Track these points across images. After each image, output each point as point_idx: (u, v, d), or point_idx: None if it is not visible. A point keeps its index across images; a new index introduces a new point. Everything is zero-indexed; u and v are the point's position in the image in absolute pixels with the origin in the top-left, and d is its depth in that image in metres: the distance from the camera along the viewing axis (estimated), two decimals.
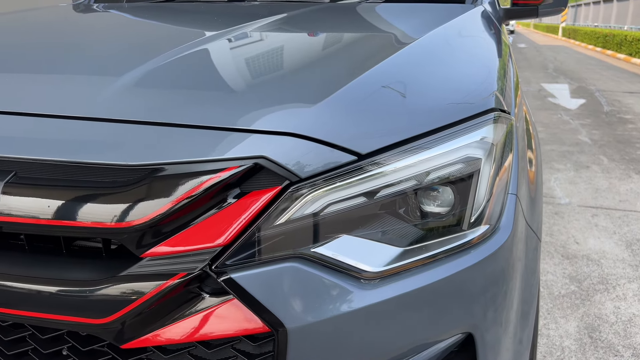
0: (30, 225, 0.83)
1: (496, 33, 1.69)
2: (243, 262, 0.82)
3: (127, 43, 1.32)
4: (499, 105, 1.05)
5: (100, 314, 0.82)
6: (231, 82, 1.00)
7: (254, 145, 0.83)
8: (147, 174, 0.81)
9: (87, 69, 1.07)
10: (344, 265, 0.85)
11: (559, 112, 7.39)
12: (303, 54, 1.19)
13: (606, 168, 4.72)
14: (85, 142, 0.85)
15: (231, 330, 0.82)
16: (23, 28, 1.56)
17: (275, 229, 0.83)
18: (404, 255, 0.87)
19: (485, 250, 0.91)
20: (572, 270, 2.85)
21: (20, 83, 1.03)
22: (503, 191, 0.98)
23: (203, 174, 0.80)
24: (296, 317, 0.82)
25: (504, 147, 1.00)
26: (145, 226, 0.80)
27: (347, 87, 0.95)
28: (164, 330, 0.83)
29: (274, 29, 1.40)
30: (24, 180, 0.83)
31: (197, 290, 0.83)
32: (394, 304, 0.85)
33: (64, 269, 0.85)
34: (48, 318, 0.84)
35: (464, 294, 0.90)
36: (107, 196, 0.82)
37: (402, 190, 0.88)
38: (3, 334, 0.91)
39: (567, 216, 3.60)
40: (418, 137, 0.90)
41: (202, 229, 0.81)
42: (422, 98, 1.00)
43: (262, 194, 0.82)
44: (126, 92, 0.94)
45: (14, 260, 0.87)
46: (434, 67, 1.14)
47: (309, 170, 0.83)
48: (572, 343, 2.21)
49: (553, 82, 10.49)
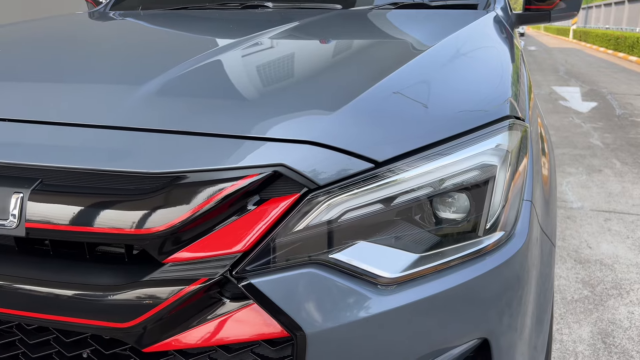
0: (55, 232, 0.85)
1: (509, 38, 1.70)
2: (262, 268, 0.83)
3: (146, 52, 1.34)
4: (513, 112, 1.06)
5: (123, 318, 0.84)
6: (249, 91, 1.02)
7: (273, 153, 0.84)
8: (169, 181, 0.83)
9: (108, 78, 1.09)
10: (361, 271, 0.86)
11: (571, 115, 7.35)
12: (319, 62, 1.20)
13: (619, 172, 4.69)
14: (107, 150, 0.88)
15: (250, 334, 0.84)
16: (42, 37, 1.59)
17: (293, 236, 0.84)
18: (420, 262, 0.88)
19: (501, 256, 0.92)
20: (585, 274, 2.84)
21: (43, 92, 1.05)
22: (518, 197, 0.99)
23: (223, 182, 0.82)
24: (314, 322, 0.83)
25: (518, 153, 1.01)
26: (167, 233, 0.82)
27: (364, 95, 0.96)
28: (185, 335, 0.85)
29: (289, 37, 1.42)
30: (50, 188, 0.86)
31: (218, 295, 0.85)
32: (411, 310, 0.86)
33: (87, 274, 0.88)
34: (72, 322, 0.86)
35: (480, 300, 0.91)
36: (129, 203, 0.84)
37: (418, 197, 0.89)
38: (28, 337, 0.93)
39: (579, 220, 3.58)
40: (434, 144, 0.91)
41: (222, 236, 0.83)
42: (438, 105, 1.01)
43: (281, 201, 0.84)
44: (147, 101, 0.96)
45: (38, 265, 0.90)
46: (448, 74, 1.15)
47: (326, 177, 0.85)
48: (585, 348, 2.20)
49: (564, 85, 10.43)
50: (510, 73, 1.29)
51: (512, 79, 1.24)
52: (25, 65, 1.21)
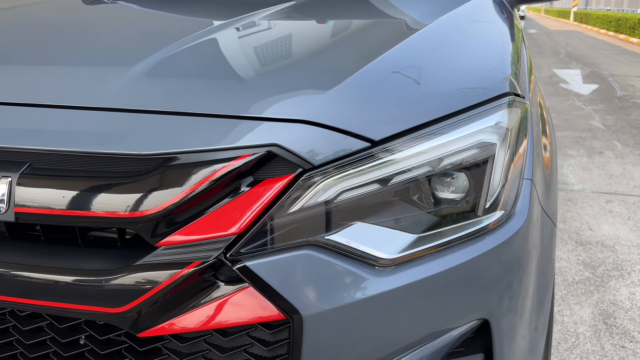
0: (45, 216, 0.83)
1: (509, 18, 1.67)
2: (257, 250, 0.81)
3: (137, 33, 1.32)
4: (513, 89, 1.03)
5: (117, 303, 0.82)
6: (242, 71, 1.00)
7: (266, 133, 0.82)
8: (160, 163, 0.81)
9: (98, 60, 1.07)
10: (358, 252, 0.84)
11: (572, 97, 7.30)
12: (313, 41, 1.18)
13: (620, 153, 4.67)
14: (98, 132, 0.86)
15: (246, 317, 0.83)
16: (30, 19, 1.56)
17: (288, 217, 0.83)
18: (418, 242, 0.87)
19: (501, 235, 0.90)
20: (586, 256, 2.83)
21: (31, 75, 1.03)
22: (518, 177, 0.97)
23: (216, 163, 0.80)
24: (311, 304, 0.82)
25: (518, 131, 0.99)
26: (160, 215, 0.80)
27: (359, 74, 0.94)
28: (180, 319, 0.83)
29: (284, 17, 1.39)
30: (39, 171, 0.84)
31: (212, 278, 0.83)
32: (409, 291, 0.85)
33: (80, 259, 0.86)
34: (65, 307, 0.85)
35: (480, 280, 0.90)
36: (121, 186, 0.82)
37: (416, 177, 0.87)
38: (22, 323, 0.92)
39: (580, 202, 3.57)
40: (432, 122, 0.89)
41: (216, 218, 0.81)
42: (435, 83, 0.98)
43: (275, 182, 0.82)
44: (138, 82, 0.94)
45: (30, 251, 0.88)
46: (446, 52, 1.13)
47: (321, 157, 0.83)
48: (586, 329, 2.20)
49: (565, 68, 10.36)
50: (510, 52, 1.26)
51: (512, 58, 1.22)
52: (13, 47, 1.19)
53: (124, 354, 0.89)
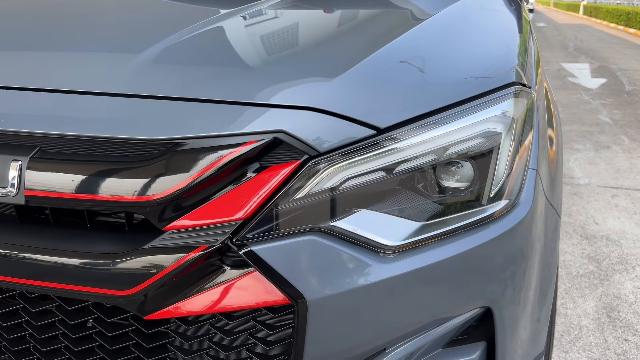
0: (54, 199, 0.85)
1: (517, 9, 1.66)
2: (263, 235, 0.82)
3: (146, 20, 1.32)
4: (519, 79, 1.03)
5: (124, 286, 0.84)
6: (249, 58, 1.00)
7: (273, 119, 0.83)
8: (168, 148, 0.82)
9: (108, 46, 1.08)
10: (363, 238, 0.85)
11: (579, 91, 7.25)
12: (320, 29, 1.18)
13: (627, 148, 4.64)
14: (107, 117, 0.87)
15: (252, 302, 0.84)
16: (43, 5, 1.57)
17: (294, 203, 0.83)
18: (423, 230, 0.87)
19: (505, 224, 0.90)
20: (591, 250, 2.83)
21: (41, 60, 1.04)
22: (523, 167, 0.98)
23: (223, 149, 0.81)
24: (316, 289, 0.83)
25: (524, 122, 0.99)
26: (167, 200, 0.81)
27: (366, 61, 0.94)
28: (186, 302, 0.84)
29: (291, 6, 1.39)
30: (48, 155, 0.85)
31: (219, 262, 0.84)
32: (413, 278, 0.86)
33: (88, 242, 0.87)
34: (74, 289, 0.86)
35: (483, 268, 0.90)
36: (129, 170, 0.83)
37: (421, 165, 0.87)
38: (30, 305, 0.94)
39: (586, 196, 3.56)
40: (437, 111, 0.89)
41: (222, 203, 0.82)
42: (441, 72, 0.99)
43: (281, 168, 0.83)
44: (146, 68, 0.94)
45: (40, 234, 0.89)
46: (453, 41, 1.13)
47: (327, 144, 0.83)
48: (590, 322, 2.21)
49: (573, 62, 10.28)
50: (517, 43, 1.26)
51: (519, 49, 1.21)
52: (24, 33, 1.19)
53: (130, 336, 0.90)
